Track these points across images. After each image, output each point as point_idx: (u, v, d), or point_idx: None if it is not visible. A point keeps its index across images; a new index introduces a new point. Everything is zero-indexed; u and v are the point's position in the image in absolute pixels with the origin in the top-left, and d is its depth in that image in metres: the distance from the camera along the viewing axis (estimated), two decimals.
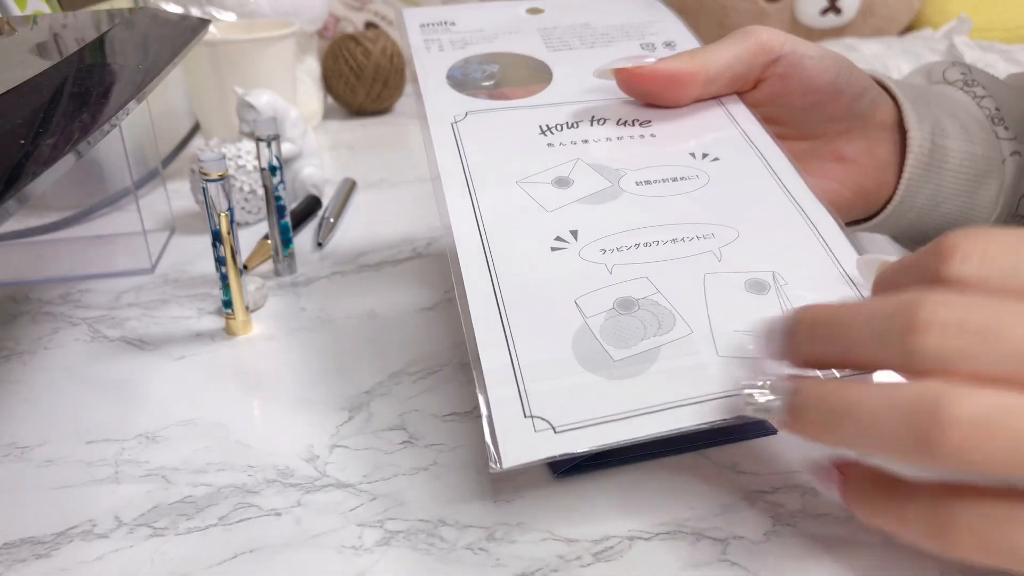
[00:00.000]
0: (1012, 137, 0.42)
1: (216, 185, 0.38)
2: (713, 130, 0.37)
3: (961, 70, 0.43)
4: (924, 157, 0.40)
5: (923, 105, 0.41)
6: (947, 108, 0.42)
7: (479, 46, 0.41)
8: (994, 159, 0.41)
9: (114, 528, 0.29)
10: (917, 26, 1.85)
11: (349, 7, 1.00)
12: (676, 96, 0.38)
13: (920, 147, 0.40)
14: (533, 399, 0.26)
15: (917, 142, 0.40)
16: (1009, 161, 0.41)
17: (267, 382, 0.37)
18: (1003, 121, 0.42)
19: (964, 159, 0.41)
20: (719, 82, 0.38)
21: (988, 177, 0.42)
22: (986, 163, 0.41)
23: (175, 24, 0.51)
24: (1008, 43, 1.65)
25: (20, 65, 0.39)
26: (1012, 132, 0.42)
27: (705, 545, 0.27)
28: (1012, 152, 0.41)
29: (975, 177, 0.42)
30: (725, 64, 0.37)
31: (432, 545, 0.27)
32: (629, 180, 0.34)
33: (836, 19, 1.72)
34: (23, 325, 0.43)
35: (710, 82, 0.37)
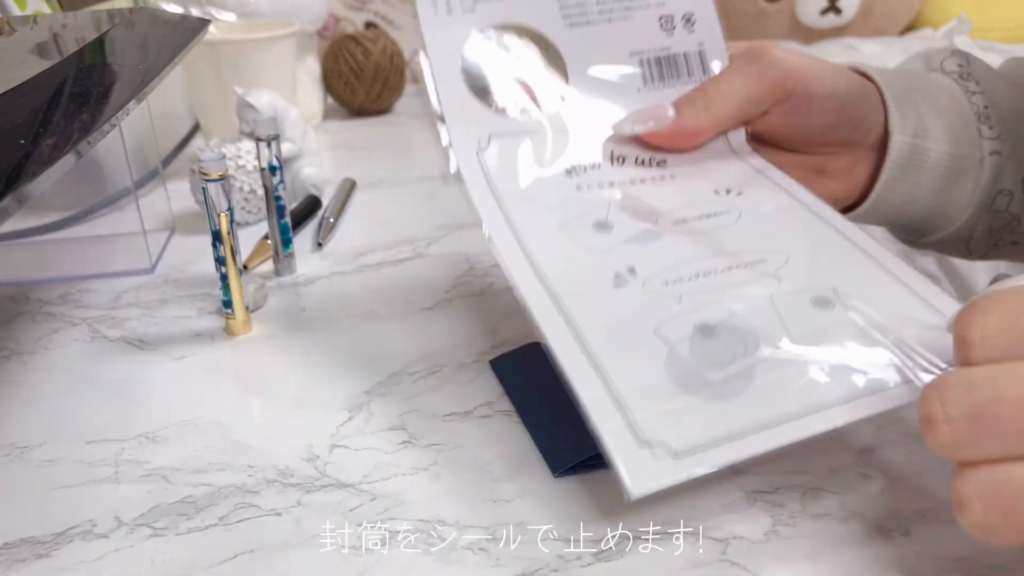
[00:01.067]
0: (995, 136, 0.42)
1: (216, 185, 0.38)
2: (725, 167, 0.39)
3: (959, 61, 0.43)
4: (902, 160, 0.41)
5: (909, 104, 0.41)
6: (934, 104, 0.42)
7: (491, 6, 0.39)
8: (973, 158, 0.42)
9: (114, 528, 0.29)
10: (917, 26, 1.85)
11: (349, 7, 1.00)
12: (689, 147, 0.39)
13: (899, 151, 0.41)
14: (643, 426, 0.26)
15: (896, 147, 0.41)
16: (988, 160, 0.42)
17: (267, 382, 0.37)
18: (988, 120, 0.42)
19: (942, 159, 0.41)
20: (727, 126, 0.39)
21: (965, 176, 0.42)
22: (965, 161, 0.42)
23: (175, 24, 0.51)
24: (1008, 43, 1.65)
25: (20, 65, 0.39)
26: (996, 131, 0.42)
27: (705, 545, 0.27)
28: (992, 152, 0.42)
29: (952, 176, 0.42)
30: (736, 111, 0.38)
31: (432, 545, 0.27)
32: (666, 220, 0.35)
33: (836, 19, 1.72)
34: (23, 325, 0.43)
35: (719, 130, 0.39)
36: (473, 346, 0.39)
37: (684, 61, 0.40)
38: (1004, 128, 0.42)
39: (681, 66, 0.40)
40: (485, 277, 0.46)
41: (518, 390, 0.36)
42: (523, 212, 0.34)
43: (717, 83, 0.38)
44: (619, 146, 0.38)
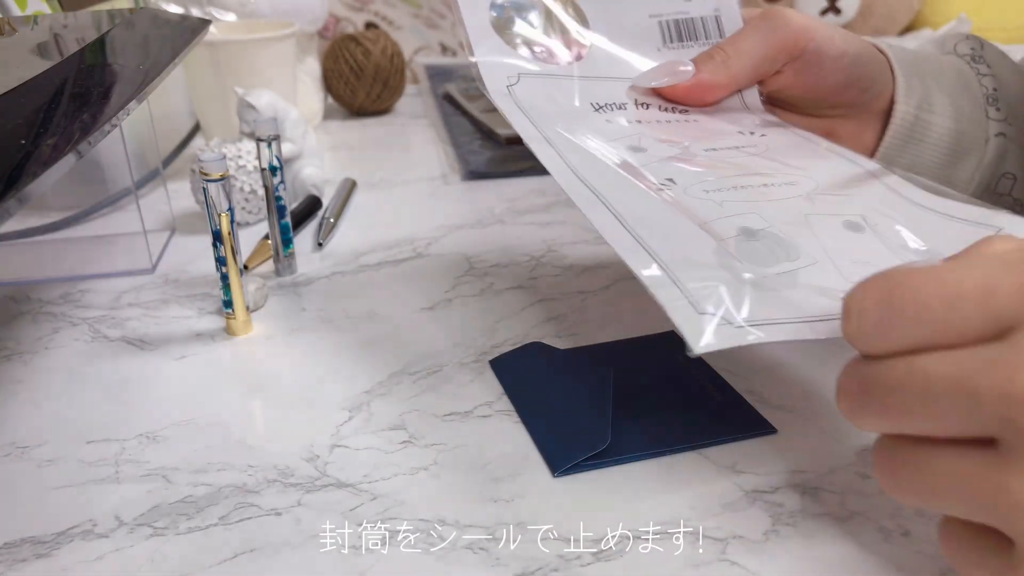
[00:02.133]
0: (1001, 119, 0.42)
1: (217, 185, 0.38)
2: (743, 117, 0.40)
3: (972, 44, 0.44)
4: (904, 130, 0.42)
5: (917, 76, 0.42)
6: (943, 82, 0.42)
7: None
8: (977, 137, 0.42)
9: (115, 528, 0.29)
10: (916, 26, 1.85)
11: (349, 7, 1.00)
12: (708, 102, 0.40)
13: (902, 120, 0.41)
14: (699, 297, 0.26)
15: (900, 116, 0.41)
16: (993, 141, 0.42)
17: (267, 382, 0.37)
18: (996, 102, 0.42)
19: (944, 135, 0.42)
20: (744, 83, 0.40)
21: (968, 154, 0.43)
22: (968, 140, 0.42)
23: (175, 24, 0.51)
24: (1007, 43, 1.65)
25: (21, 65, 0.39)
26: (1003, 114, 0.42)
27: (705, 545, 0.27)
28: (997, 133, 0.42)
29: (954, 153, 0.43)
30: (752, 68, 0.39)
31: (432, 545, 0.27)
32: (698, 148, 0.36)
33: (836, 19, 1.72)
34: (24, 325, 0.43)
35: (737, 86, 0.40)
36: (473, 346, 0.39)
37: (702, 25, 0.41)
38: (1011, 112, 0.43)
39: (699, 29, 0.41)
40: (485, 277, 0.46)
41: (518, 390, 0.36)
42: (559, 133, 0.36)
43: (735, 41, 0.39)
44: (642, 96, 0.40)
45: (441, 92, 0.92)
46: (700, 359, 0.36)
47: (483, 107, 0.85)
